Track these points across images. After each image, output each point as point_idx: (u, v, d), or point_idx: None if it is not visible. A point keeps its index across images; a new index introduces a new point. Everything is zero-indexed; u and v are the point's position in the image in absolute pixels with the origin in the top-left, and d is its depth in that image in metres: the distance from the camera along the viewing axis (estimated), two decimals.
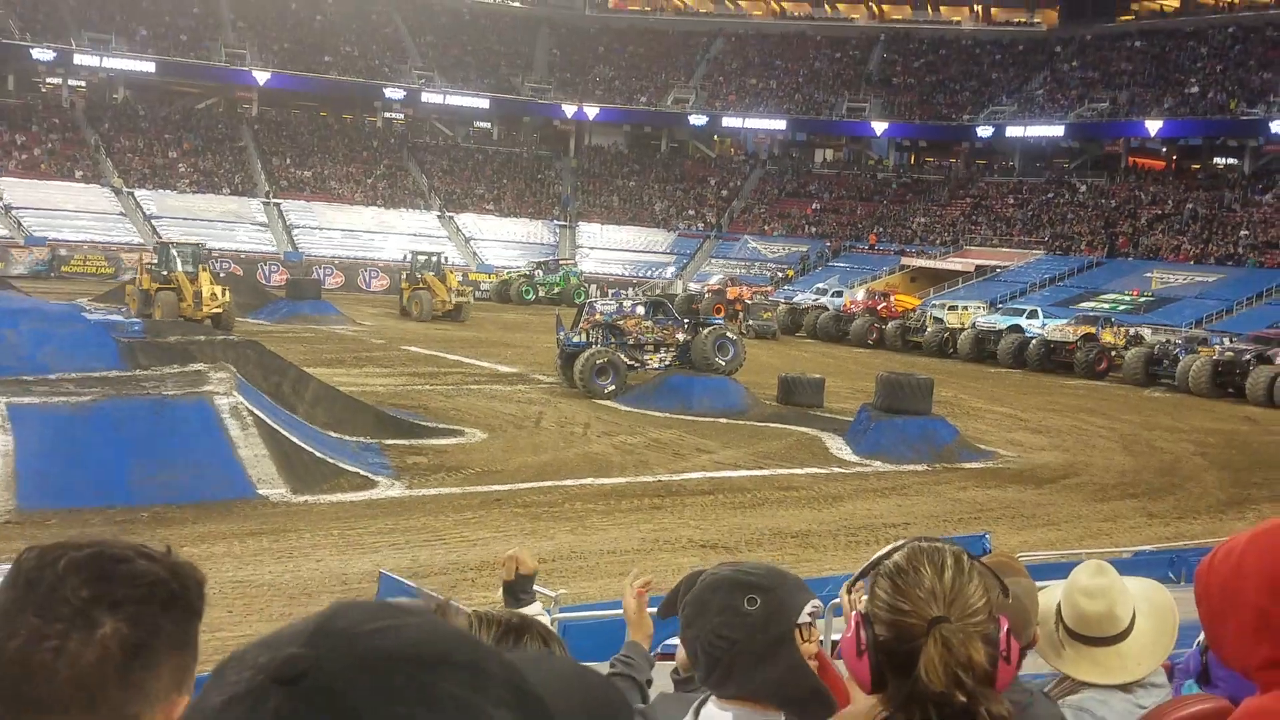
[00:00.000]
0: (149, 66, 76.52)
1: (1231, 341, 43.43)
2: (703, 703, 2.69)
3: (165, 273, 41.37)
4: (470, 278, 61.63)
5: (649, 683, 3.40)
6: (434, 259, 53.72)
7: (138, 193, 69.33)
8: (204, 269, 41.82)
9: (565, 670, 1.25)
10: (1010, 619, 3.23)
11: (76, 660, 1.36)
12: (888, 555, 2.13)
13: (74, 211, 65.26)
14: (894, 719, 2.06)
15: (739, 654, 2.53)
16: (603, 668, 3.52)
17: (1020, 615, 3.32)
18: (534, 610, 3.79)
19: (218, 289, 40.38)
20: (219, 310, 39.42)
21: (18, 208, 63.99)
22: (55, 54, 73.94)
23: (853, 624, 2.10)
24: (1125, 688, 3.53)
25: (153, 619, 1.41)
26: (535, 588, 4.33)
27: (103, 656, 1.38)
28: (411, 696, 0.89)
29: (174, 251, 42.72)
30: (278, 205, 72.56)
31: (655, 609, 3.37)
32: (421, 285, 51.28)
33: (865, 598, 2.13)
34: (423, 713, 0.88)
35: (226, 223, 68.90)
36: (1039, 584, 3.77)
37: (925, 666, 1.98)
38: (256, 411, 19.11)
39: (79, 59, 75.12)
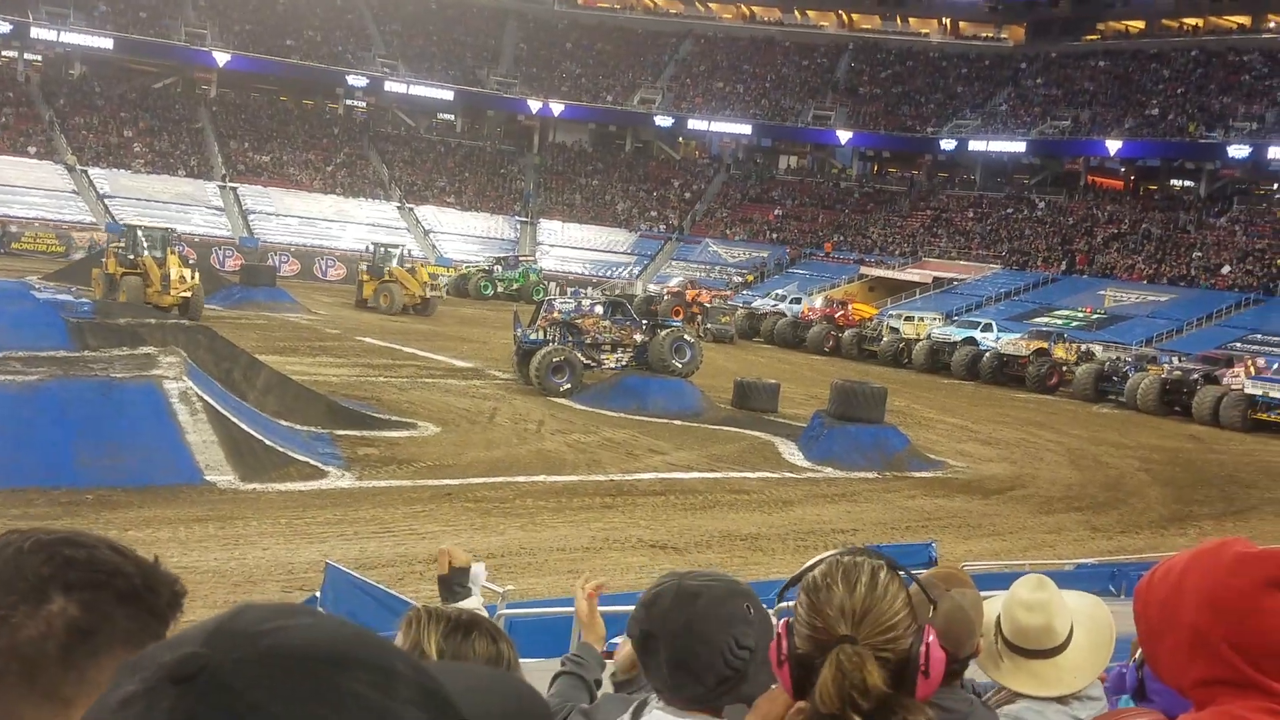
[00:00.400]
0: (107, 43, 75.55)
1: (1180, 361, 44.03)
2: (642, 705, 2.68)
3: (132, 257, 40.44)
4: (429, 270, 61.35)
5: (598, 683, 3.40)
6: (401, 251, 53.36)
7: (91, 171, 68.56)
8: (172, 253, 41.23)
9: (482, 676, 1.25)
10: (954, 629, 3.28)
11: (18, 631, 1.37)
12: (812, 568, 2.15)
13: (26, 188, 64.46)
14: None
15: (752, 662, 2.50)
16: (553, 664, 3.53)
17: (964, 625, 3.35)
18: (472, 604, 3.77)
19: (186, 272, 39.70)
20: (187, 295, 38.69)
21: None
22: (11, 26, 72.90)
23: (778, 632, 2.12)
24: (1061, 700, 3.58)
25: (105, 607, 1.41)
26: (485, 584, 4.31)
27: (45, 633, 1.38)
28: (314, 695, 0.87)
29: (141, 235, 41.78)
30: (234, 189, 71.91)
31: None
32: (389, 278, 50.59)
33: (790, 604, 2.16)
34: (326, 712, 0.87)
35: (181, 205, 68.08)
36: (986, 594, 3.81)
37: (819, 688, 2.00)
38: (206, 397, 18.94)
39: (35, 32, 74.08)
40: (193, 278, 39.54)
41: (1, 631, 1.37)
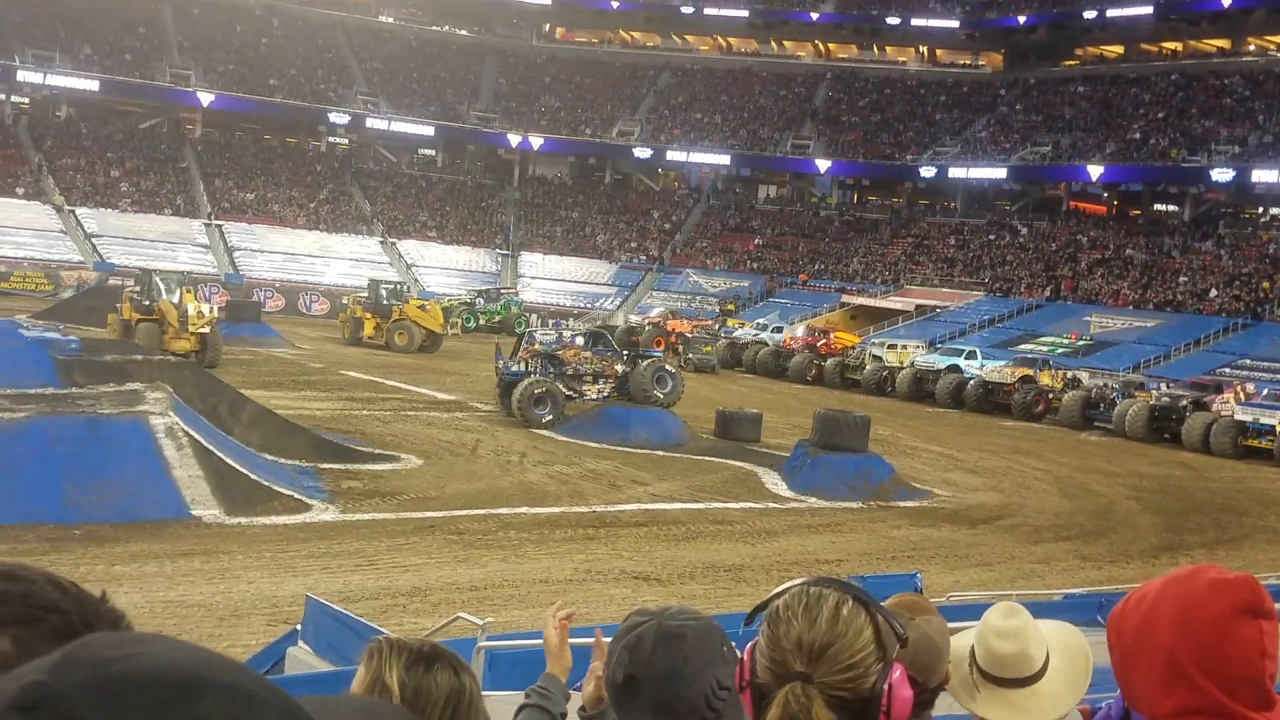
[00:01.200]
0: (93, 85, 75.80)
1: (1168, 387, 43.97)
2: None
3: (148, 303, 39.31)
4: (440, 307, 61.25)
5: (563, 716, 3.37)
6: (401, 287, 52.66)
7: (79, 211, 68.68)
8: (188, 290, 39.93)
9: (356, 706, 1.21)
10: (921, 659, 3.25)
11: None
12: (778, 595, 2.11)
13: (14, 228, 64.66)
14: None
15: (730, 702, 2.48)
16: (519, 697, 3.50)
17: (932, 654, 3.32)
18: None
19: (204, 307, 38.75)
20: (205, 330, 37.11)
21: None
22: None
23: (742, 658, 2.10)
24: None
25: (38, 644, 1.39)
26: (462, 614, 4.27)
27: None
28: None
29: (158, 280, 40.54)
30: (219, 227, 72.04)
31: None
32: (400, 316, 48.99)
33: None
34: None
35: (168, 243, 68.38)
36: (966, 624, 3.78)
37: None
38: (192, 432, 18.96)
39: (22, 75, 74.37)
40: (211, 313, 38.59)
41: None
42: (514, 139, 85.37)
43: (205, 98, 78.21)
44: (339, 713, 1.08)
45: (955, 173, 78.03)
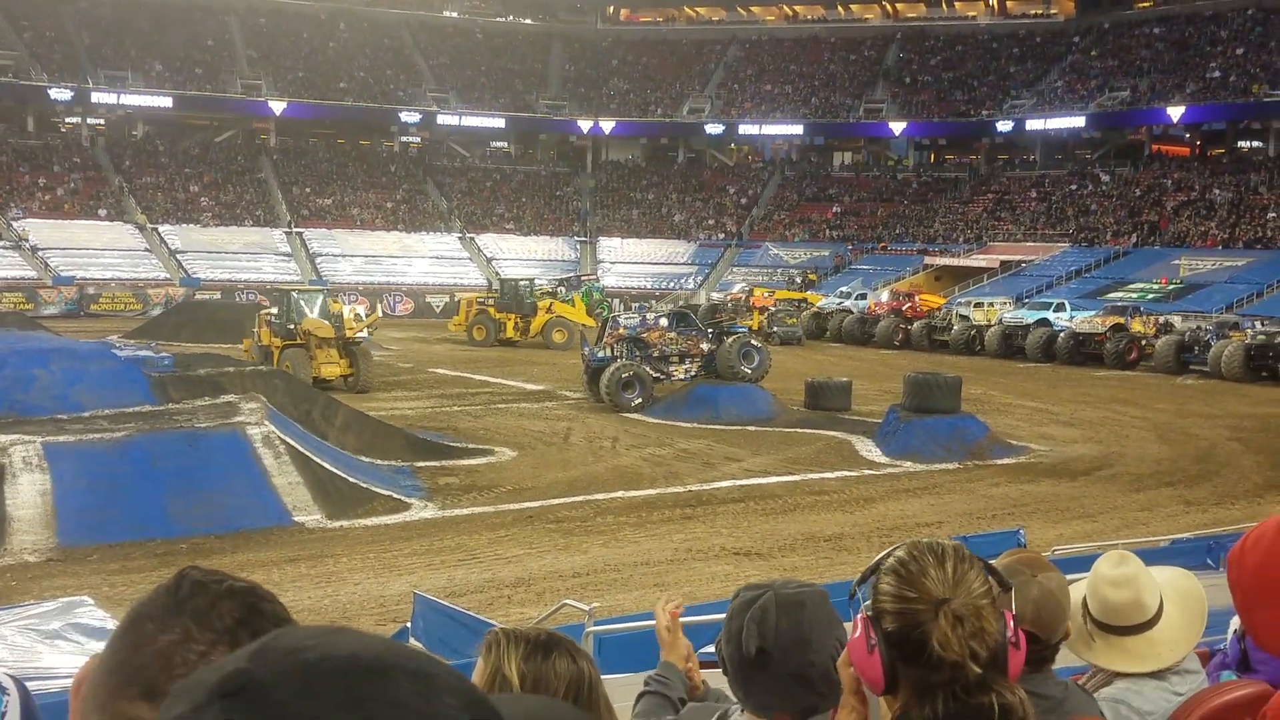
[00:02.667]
0: (166, 101, 76.94)
1: (1264, 324, 43.14)
2: (724, 716, 2.66)
3: (291, 326, 34.28)
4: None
5: (683, 701, 3.38)
6: (533, 284, 51.02)
7: (161, 228, 69.84)
8: (333, 300, 38.19)
9: (533, 702, 1.25)
10: (1044, 614, 3.22)
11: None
12: (887, 556, 2.14)
13: (99, 249, 65.88)
14: (907, 718, 2.05)
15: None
16: (641, 679, 3.51)
17: (1055, 609, 3.28)
18: None
19: (360, 308, 37.11)
20: (366, 332, 35.06)
21: (44, 248, 64.57)
22: (72, 93, 74.53)
23: (859, 626, 2.09)
24: (1159, 676, 3.52)
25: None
26: (568, 601, 4.29)
27: None
28: (357, 703, 0.89)
29: (298, 299, 35.76)
30: (300, 234, 72.90)
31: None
32: (551, 313, 48.02)
33: (867, 602, 2.13)
34: (367, 717, 0.89)
35: (251, 254, 69.48)
36: (1075, 576, 3.74)
37: (939, 640, 1.99)
38: (288, 440, 19.22)
39: (96, 97, 75.72)
40: (370, 314, 36.79)
41: (200, 665, 1.43)
42: (585, 125, 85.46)
43: (277, 106, 79.10)
44: (519, 705, 1.13)
45: (1033, 125, 76.95)
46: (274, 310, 36.68)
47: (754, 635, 2.54)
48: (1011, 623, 2.09)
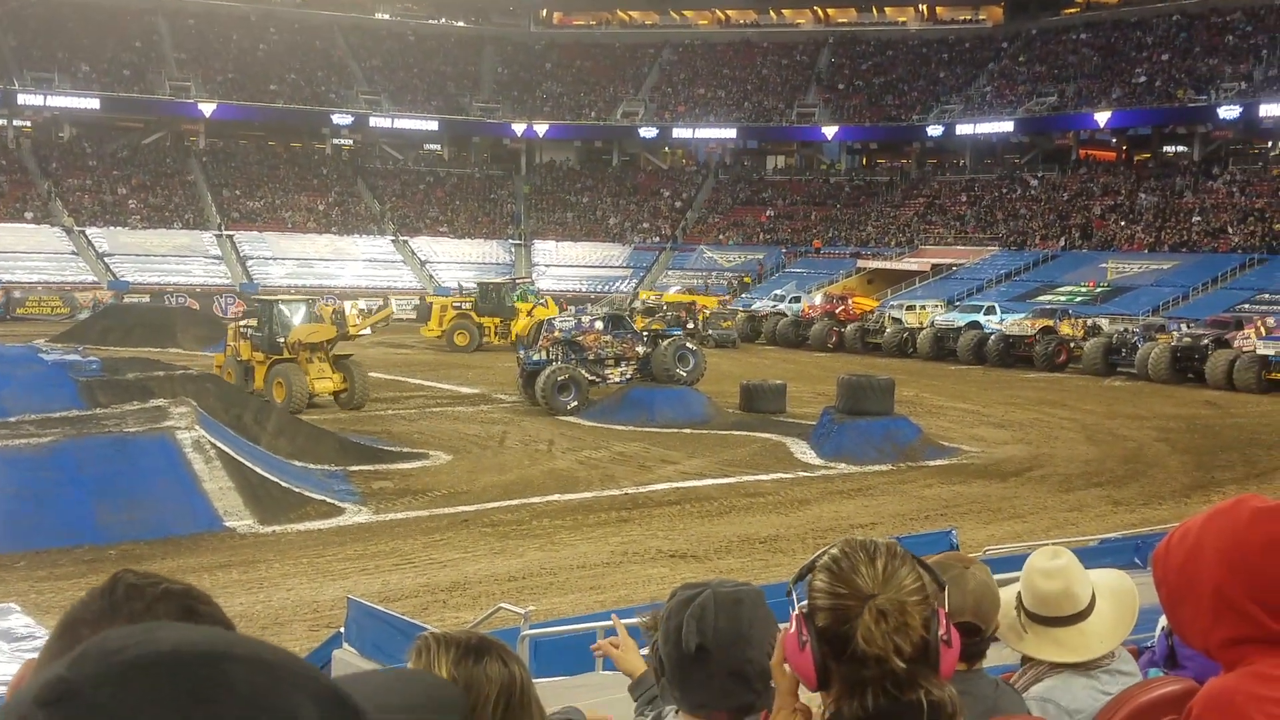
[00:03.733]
0: (93, 103, 75.86)
1: (1189, 327, 43.79)
2: (659, 717, 2.68)
3: (281, 339, 31.06)
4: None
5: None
6: (515, 285, 49.80)
7: (89, 231, 68.84)
8: (323, 305, 36.03)
9: (387, 674, 1.22)
10: (983, 604, 3.29)
11: None
12: (819, 557, 2.17)
13: (26, 253, 64.82)
14: (839, 714, 2.07)
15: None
16: (578, 681, 3.51)
17: (992, 599, 3.36)
18: None
19: (359, 304, 35.15)
20: (371, 328, 33.08)
21: None
22: None
23: (793, 623, 2.12)
24: (1089, 674, 3.57)
25: None
26: (503, 605, 4.29)
27: None
28: (189, 697, 0.86)
29: (284, 310, 32.41)
30: (230, 237, 72.10)
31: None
32: (531, 316, 45.54)
33: (803, 602, 2.15)
34: (201, 709, 0.85)
35: (180, 257, 68.61)
36: (1007, 575, 3.82)
37: (863, 634, 2.01)
38: (219, 444, 19.04)
39: (23, 99, 74.53)
40: (386, 306, 34.56)
41: None
42: (518, 128, 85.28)
43: (206, 108, 78.21)
44: (369, 683, 1.09)
45: (962, 129, 77.68)
46: (251, 322, 33.41)
47: (694, 632, 2.55)
48: (944, 620, 2.10)
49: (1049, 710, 3.51)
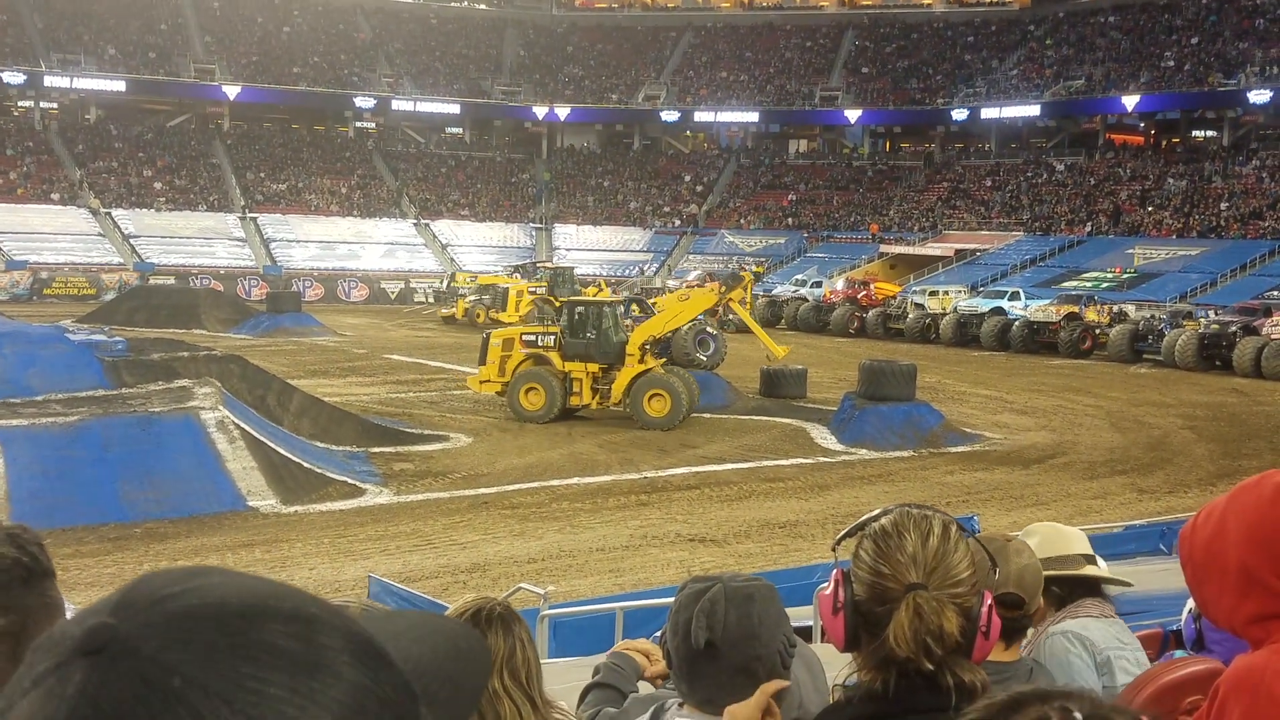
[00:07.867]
0: (119, 85, 76.22)
1: (1217, 314, 43.51)
2: (660, 710, 2.68)
3: (548, 339, 27.55)
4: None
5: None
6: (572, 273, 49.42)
7: (115, 213, 69.19)
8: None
9: (414, 622, 1.20)
10: (1027, 582, 3.33)
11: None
12: (876, 518, 2.13)
13: (53, 234, 65.19)
14: (862, 681, 2.06)
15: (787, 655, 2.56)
16: (591, 663, 3.51)
17: (1036, 579, 3.41)
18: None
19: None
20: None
21: None
22: (25, 77, 73.80)
23: (833, 581, 2.09)
24: (1108, 619, 3.90)
25: (21, 600, 1.45)
26: (523, 585, 4.29)
27: None
28: (230, 651, 0.84)
29: (610, 311, 28.14)
30: (254, 220, 72.43)
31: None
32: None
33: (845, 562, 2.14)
34: (245, 667, 0.84)
35: (205, 239, 68.94)
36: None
37: (894, 631, 1.98)
38: (243, 425, 19.13)
39: (49, 81, 74.96)
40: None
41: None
42: (540, 111, 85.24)
43: (231, 91, 78.48)
44: (397, 623, 1.08)
45: (988, 113, 77.29)
46: (551, 328, 28.87)
47: (703, 627, 2.54)
48: (987, 611, 2.08)
49: (1070, 639, 3.80)
